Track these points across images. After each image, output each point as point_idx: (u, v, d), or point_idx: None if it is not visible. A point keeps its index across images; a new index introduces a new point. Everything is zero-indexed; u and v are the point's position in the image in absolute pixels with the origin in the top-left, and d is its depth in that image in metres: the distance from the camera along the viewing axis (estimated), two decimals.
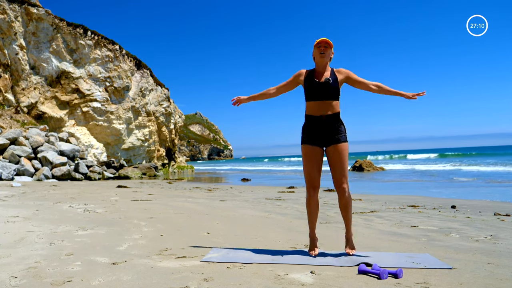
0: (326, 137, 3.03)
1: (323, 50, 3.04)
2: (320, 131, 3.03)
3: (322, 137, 3.04)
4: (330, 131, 3.01)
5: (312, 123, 3.05)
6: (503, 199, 8.71)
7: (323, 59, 3.05)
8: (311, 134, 3.06)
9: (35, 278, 2.41)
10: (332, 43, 3.08)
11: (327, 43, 3.04)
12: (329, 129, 3.01)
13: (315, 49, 3.08)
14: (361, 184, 14.82)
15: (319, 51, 3.05)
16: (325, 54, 3.04)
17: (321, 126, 3.02)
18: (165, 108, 29.07)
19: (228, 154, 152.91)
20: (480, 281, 2.41)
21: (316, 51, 3.07)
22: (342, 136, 3.04)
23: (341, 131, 3.04)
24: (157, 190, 10.81)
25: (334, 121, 3.02)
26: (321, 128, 3.02)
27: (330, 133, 3.02)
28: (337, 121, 3.03)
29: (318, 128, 3.03)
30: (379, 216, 5.66)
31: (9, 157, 15.24)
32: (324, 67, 3.07)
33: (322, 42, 3.05)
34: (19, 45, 22.08)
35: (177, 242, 3.53)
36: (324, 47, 3.05)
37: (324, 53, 3.04)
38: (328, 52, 3.06)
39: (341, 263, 2.79)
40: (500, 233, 4.25)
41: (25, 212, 5.34)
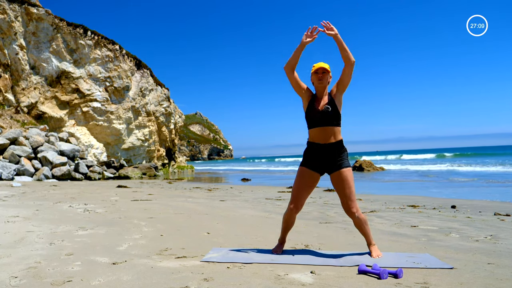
0: (328, 164, 3.04)
1: (321, 77, 3.05)
2: (323, 158, 3.04)
3: (324, 164, 3.05)
4: (333, 158, 3.03)
5: (315, 150, 3.06)
6: (503, 199, 8.71)
7: (321, 85, 3.06)
8: (313, 160, 3.07)
9: (35, 278, 2.41)
10: (329, 66, 3.08)
11: (324, 69, 3.05)
12: (332, 156, 3.03)
13: (313, 76, 3.09)
14: (361, 184, 14.83)
15: (317, 78, 3.06)
16: (323, 80, 3.06)
17: (324, 153, 3.03)
18: (165, 108, 29.07)
19: (228, 154, 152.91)
20: (480, 281, 2.41)
21: (314, 78, 3.09)
22: (344, 162, 3.04)
23: (343, 157, 3.05)
24: (157, 190, 10.81)
25: (337, 148, 3.03)
26: (324, 156, 3.03)
27: (332, 160, 3.03)
28: (340, 148, 3.05)
29: (321, 155, 3.04)
30: (379, 216, 5.66)
31: (9, 157, 15.24)
32: (322, 91, 3.08)
33: (320, 69, 3.05)
34: (19, 45, 22.08)
35: (177, 242, 3.53)
36: (322, 73, 3.05)
37: (322, 80, 3.05)
38: (326, 77, 3.06)
39: (341, 263, 2.79)
40: (500, 233, 4.25)
41: (25, 212, 5.34)
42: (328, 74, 3.08)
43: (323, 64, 3.07)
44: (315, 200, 8.16)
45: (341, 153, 3.05)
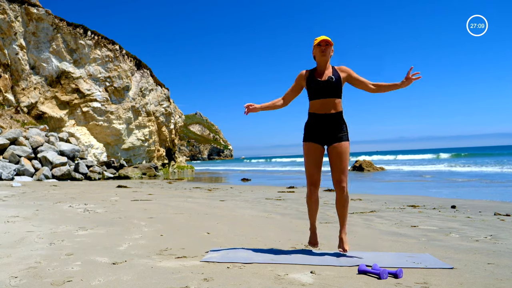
0: (328, 135, 3.04)
1: (324, 50, 3.05)
2: (323, 129, 3.04)
3: (324, 135, 3.05)
4: (333, 129, 3.03)
5: (315, 121, 3.06)
6: (503, 199, 8.71)
7: (324, 58, 3.07)
8: (313, 131, 3.08)
9: (35, 278, 2.41)
10: (332, 41, 3.09)
11: (327, 41, 3.06)
12: (332, 128, 3.03)
13: (316, 48, 3.09)
14: (361, 184, 14.82)
15: (320, 50, 3.06)
16: (326, 53, 3.06)
17: (324, 124, 3.03)
18: (165, 108, 29.07)
19: (228, 154, 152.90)
20: (480, 281, 2.41)
21: (316, 50, 3.09)
22: (344, 135, 3.05)
23: (343, 130, 3.06)
24: (157, 190, 10.81)
25: (337, 120, 3.03)
26: (324, 126, 3.04)
27: (332, 132, 3.03)
28: (340, 120, 3.05)
29: (321, 126, 3.04)
30: (379, 216, 5.66)
31: (9, 157, 15.24)
32: (325, 65, 3.09)
33: (323, 41, 3.06)
34: (19, 45, 22.08)
35: (177, 242, 3.53)
36: (325, 46, 3.06)
37: (325, 52, 3.05)
38: (328, 50, 3.07)
39: (341, 263, 2.79)
40: (500, 233, 4.25)
41: (25, 212, 5.34)
42: (331, 47, 3.08)
43: (325, 37, 3.06)
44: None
45: (341, 125, 3.05)
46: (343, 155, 3.01)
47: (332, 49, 3.11)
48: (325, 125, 3.03)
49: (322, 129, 3.04)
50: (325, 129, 3.03)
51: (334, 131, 3.03)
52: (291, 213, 5.99)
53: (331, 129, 3.03)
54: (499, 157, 40.46)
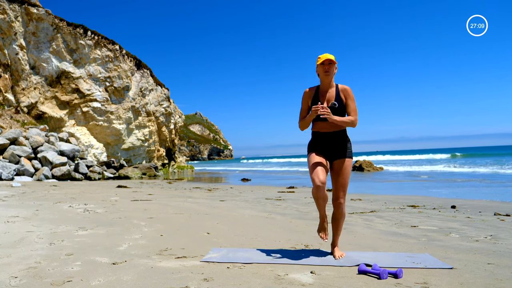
0: (332, 151, 3.05)
1: (327, 69, 3.02)
2: (327, 146, 3.05)
3: (328, 151, 3.06)
4: (337, 146, 3.04)
5: (319, 139, 3.07)
6: (503, 199, 8.71)
7: (327, 77, 3.04)
8: (318, 147, 3.07)
9: (35, 278, 2.41)
10: (335, 59, 3.05)
11: (330, 61, 3.02)
12: (336, 145, 3.04)
13: (319, 67, 3.06)
14: (361, 184, 14.82)
15: (323, 70, 3.03)
16: (330, 72, 3.03)
17: (328, 142, 3.04)
18: (165, 108, 29.07)
19: (228, 154, 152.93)
20: (480, 281, 2.41)
21: (320, 69, 3.06)
22: (348, 152, 3.06)
23: (347, 147, 3.07)
24: (157, 190, 10.81)
25: (341, 137, 3.04)
26: (328, 144, 3.04)
27: (336, 148, 3.04)
28: (344, 138, 3.06)
29: (325, 143, 3.05)
30: (379, 216, 5.66)
31: (9, 157, 15.24)
32: (328, 84, 3.07)
33: (326, 60, 3.02)
34: (19, 45, 22.08)
35: (177, 242, 3.53)
36: (328, 65, 3.03)
37: (328, 72, 3.03)
38: (332, 69, 3.04)
39: (341, 263, 2.79)
40: (500, 233, 4.25)
41: (25, 212, 5.34)
42: (334, 65, 3.06)
43: (329, 55, 3.03)
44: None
45: (346, 142, 3.06)
46: (345, 171, 3.03)
47: (336, 66, 3.09)
48: (329, 143, 3.04)
49: (326, 146, 3.05)
50: (329, 146, 3.04)
51: (339, 147, 3.04)
52: (291, 213, 5.99)
53: (335, 146, 3.04)
54: (498, 157, 40.48)
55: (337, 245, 3.10)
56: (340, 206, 3.04)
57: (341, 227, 3.11)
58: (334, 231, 3.12)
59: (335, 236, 3.11)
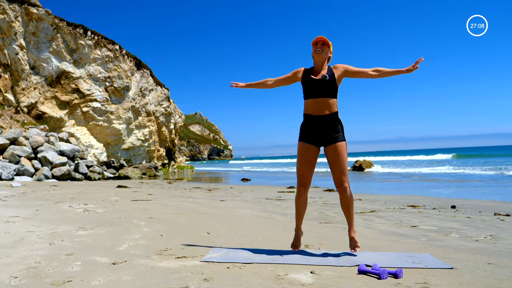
0: (324, 136, 3.04)
1: (320, 48, 3.06)
2: (318, 130, 3.04)
3: (319, 137, 3.05)
4: (328, 130, 3.02)
5: (310, 122, 3.06)
6: (503, 199, 8.71)
7: (320, 56, 3.06)
8: (308, 132, 3.07)
9: (35, 278, 2.41)
10: (330, 42, 3.09)
11: (324, 41, 3.07)
12: (327, 129, 3.02)
13: (313, 47, 3.10)
14: (361, 184, 14.82)
15: (315, 49, 3.07)
16: (322, 52, 3.05)
17: (319, 126, 3.03)
18: (165, 108, 29.07)
19: (228, 154, 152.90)
20: (480, 281, 2.41)
21: (313, 49, 3.10)
22: (340, 135, 3.04)
23: (339, 130, 3.05)
24: (157, 190, 10.81)
25: (332, 120, 3.02)
26: (319, 128, 3.03)
27: (328, 133, 3.03)
28: (335, 120, 3.04)
29: (316, 127, 3.04)
30: (379, 216, 5.66)
31: (9, 157, 15.24)
32: (321, 65, 3.08)
33: (319, 40, 3.07)
34: (19, 45, 22.08)
35: (177, 242, 3.53)
36: (322, 45, 3.06)
37: (321, 51, 3.05)
38: (325, 49, 3.06)
39: (341, 263, 2.78)
40: (500, 233, 4.25)
41: (25, 212, 5.34)
42: (328, 48, 3.08)
43: (323, 36, 3.07)
44: (315, 200, 8.16)
45: (337, 125, 3.04)
46: (340, 155, 3.01)
47: (331, 50, 3.10)
48: (321, 127, 3.02)
49: (318, 130, 3.03)
50: (321, 130, 3.03)
51: (330, 132, 3.02)
52: (291, 213, 5.99)
53: (327, 131, 3.02)
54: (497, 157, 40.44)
55: (353, 228, 3.08)
56: (346, 190, 3.01)
57: (353, 212, 3.09)
58: (348, 219, 3.09)
59: (349, 221, 3.09)
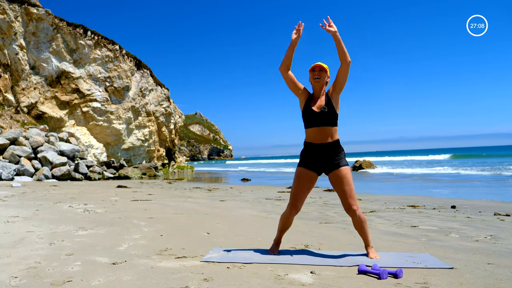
0: (325, 164, 3.04)
1: (318, 75, 3.04)
2: (320, 158, 3.03)
3: (321, 164, 3.04)
4: (330, 157, 3.02)
5: (312, 150, 3.05)
6: (503, 199, 8.71)
7: (318, 84, 3.05)
8: (310, 159, 3.06)
9: (35, 278, 2.41)
10: (327, 67, 3.08)
11: (321, 67, 3.05)
12: (329, 156, 3.02)
13: (310, 74, 3.09)
14: (361, 184, 14.82)
15: (313, 76, 3.06)
16: (320, 79, 3.04)
17: (321, 153, 3.02)
18: (165, 108, 29.07)
19: (228, 154, 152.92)
20: (480, 281, 2.41)
21: (311, 76, 3.08)
22: (342, 160, 3.04)
23: (340, 156, 3.05)
24: (157, 190, 10.81)
25: (334, 148, 3.03)
26: (321, 155, 3.02)
27: (330, 160, 3.03)
28: (337, 147, 3.04)
29: (318, 155, 3.03)
30: (379, 216, 5.66)
31: (9, 157, 15.24)
32: (320, 91, 3.08)
33: (317, 67, 3.05)
34: (19, 45, 22.08)
35: (177, 242, 3.53)
36: (319, 72, 3.05)
37: (319, 78, 3.04)
38: (323, 76, 3.05)
39: (341, 263, 2.78)
40: (500, 233, 4.25)
41: (25, 212, 5.34)
42: (326, 73, 3.07)
43: (320, 63, 3.07)
44: (315, 200, 8.16)
45: (339, 152, 3.05)
46: (345, 179, 3.00)
47: (328, 75, 3.09)
48: (323, 154, 3.02)
49: (319, 158, 3.03)
50: (322, 158, 3.02)
51: (332, 159, 3.02)
52: None
53: (329, 158, 3.02)
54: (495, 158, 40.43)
55: (370, 245, 3.07)
56: (356, 213, 3.00)
57: (366, 230, 3.05)
58: (362, 235, 3.07)
59: (365, 239, 3.07)
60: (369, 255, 3.01)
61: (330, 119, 3.01)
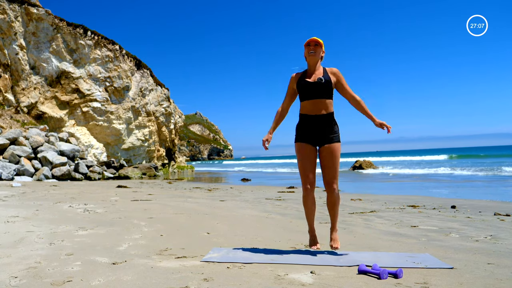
0: (320, 136, 3.05)
1: (313, 49, 3.06)
2: (314, 130, 3.05)
3: (315, 136, 3.06)
4: (324, 130, 3.04)
5: (306, 122, 3.07)
6: (503, 199, 8.71)
7: (313, 58, 3.07)
8: (305, 132, 3.09)
9: (35, 278, 2.41)
10: (322, 42, 3.09)
11: (316, 41, 3.06)
12: (323, 129, 3.04)
13: (305, 49, 3.11)
14: (361, 184, 14.82)
15: (308, 50, 3.08)
16: (315, 53, 3.06)
17: (315, 125, 3.04)
18: (165, 108, 29.07)
19: (228, 154, 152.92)
20: (480, 281, 2.41)
21: (306, 51, 3.10)
22: (335, 136, 3.07)
23: (335, 131, 3.07)
24: (157, 190, 10.81)
25: (328, 121, 3.04)
26: (315, 128, 3.05)
27: (324, 133, 3.04)
28: (331, 121, 3.06)
29: (312, 127, 3.05)
30: (379, 216, 5.66)
31: (9, 157, 15.24)
32: (314, 65, 3.09)
33: (312, 41, 3.07)
34: (19, 45, 22.08)
35: (177, 242, 3.53)
36: (314, 46, 3.06)
37: (314, 52, 3.06)
38: (318, 50, 3.07)
39: (341, 263, 2.78)
40: (500, 233, 4.25)
41: (25, 212, 5.34)
42: (321, 48, 3.08)
43: (316, 37, 3.07)
44: (315, 200, 8.15)
45: (332, 126, 3.06)
46: (333, 156, 3.03)
47: (323, 50, 3.11)
48: (317, 126, 3.04)
49: (314, 130, 3.05)
50: (317, 130, 3.04)
51: (326, 132, 3.04)
52: (291, 213, 5.99)
53: (323, 130, 3.04)
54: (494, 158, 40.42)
55: (336, 228, 3.13)
56: (334, 191, 3.04)
57: (337, 210, 3.13)
58: (332, 219, 3.14)
59: (333, 221, 3.14)
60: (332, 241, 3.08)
61: (326, 90, 3.02)
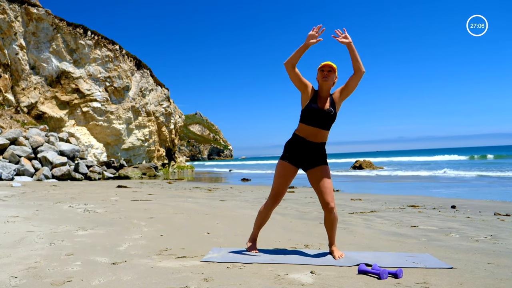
0: (309, 160, 3.06)
1: (326, 75, 3.01)
2: (306, 154, 3.05)
3: (305, 160, 3.07)
4: (316, 156, 3.06)
5: (300, 145, 3.05)
6: (503, 199, 8.71)
7: (326, 84, 3.03)
8: (296, 154, 3.07)
9: (35, 278, 2.41)
10: (336, 67, 3.04)
11: (330, 67, 3.01)
12: (315, 154, 3.06)
13: (319, 73, 3.06)
14: (361, 184, 14.83)
15: (322, 76, 3.03)
16: (328, 79, 3.02)
17: (308, 151, 3.04)
18: (165, 108, 29.07)
19: (228, 154, 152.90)
20: (480, 281, 2.41)
21: (319, 75, 3.05)
22: (325, 159, 3.11)
23: (324, 156, 3.11)
24: (157, 190, 10.81)
25: (321, 148, 3.08)
26: (308, 153, 3.05)
27: (315, 158, 3.06)
28: (323, 149, 3.10)
29: (306, 151, 3.05)
30: (379, 216, 5.66)
31: (9, 157, 15.24)
32: (327, 91, 3.05)
33: (326, 66, 3.02)
34: (19, 45, 22.08)
35: (177, 242, 3.53)
36: (328, 71, 3.02)
37: (327, 78, 3.01)
38: (331, 76, 3.02)
39: (341, 263, 2.79)
40: (500, 233, 4.25)
41: (25, 212, 5.34)
42: (334, 73, 3.04)
43: (330, 62, 3.04)
44: (315, 200, 8.16)
45: (324, 152, 3.11)
46: (326, 177, 3.04)
47: (336, 75, 3.07)
48: (309, 152, 3.05)
49: (305, 154, 3.05)
50: (309, 155, 3.05)
51: (317, 157, 3.06)
52: (291, 213, 5.99)
53: (314, 156, 3.06)
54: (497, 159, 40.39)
55: (334, 244, 3.11)
56: (333, 211, 3.02)
57: (336, 228, 3.11)
58: (330, 233, 3.10)
59: (332, 237, 3.11)
60: (334, 253, 3.04)
61: (330, 122, 3.04)
